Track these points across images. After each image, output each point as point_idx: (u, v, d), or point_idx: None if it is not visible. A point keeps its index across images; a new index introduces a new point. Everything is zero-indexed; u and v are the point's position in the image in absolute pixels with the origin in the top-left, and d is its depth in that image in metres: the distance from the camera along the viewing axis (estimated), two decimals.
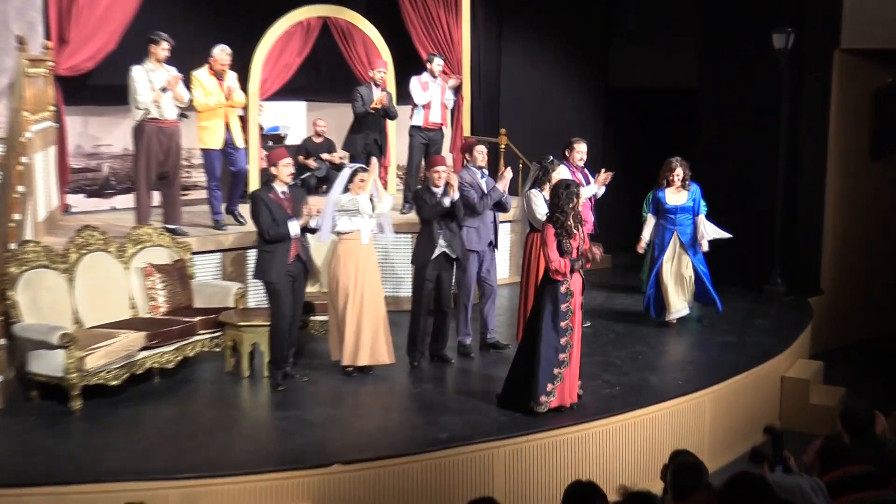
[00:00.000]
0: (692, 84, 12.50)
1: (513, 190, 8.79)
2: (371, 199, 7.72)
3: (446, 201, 7.80)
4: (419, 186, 8.62)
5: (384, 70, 10.43)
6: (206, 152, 9.51)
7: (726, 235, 9.37)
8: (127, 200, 10.28)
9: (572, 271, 6.83)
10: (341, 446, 6.44)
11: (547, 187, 8.14)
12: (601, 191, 9.05)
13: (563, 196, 6.82)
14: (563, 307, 6.84)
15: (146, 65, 8.81)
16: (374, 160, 8.03)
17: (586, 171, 9.10)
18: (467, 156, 8.45)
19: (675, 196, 9.10)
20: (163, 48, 8.80)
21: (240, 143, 9.56)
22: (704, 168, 10.67)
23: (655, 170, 9.29)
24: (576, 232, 6.88)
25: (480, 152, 8.34)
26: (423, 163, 9.91)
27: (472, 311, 8.44)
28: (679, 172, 9.07)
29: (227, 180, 9.82)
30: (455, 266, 8.06)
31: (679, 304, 9.20)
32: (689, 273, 9.12)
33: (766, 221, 11.26)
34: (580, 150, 9.02)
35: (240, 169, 9.66)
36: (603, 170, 8.90)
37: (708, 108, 12.27)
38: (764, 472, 4.73)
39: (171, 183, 9.17)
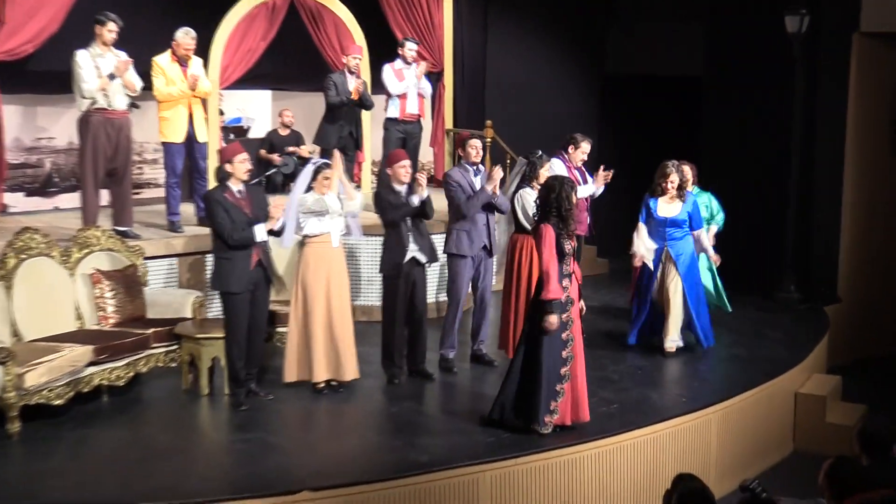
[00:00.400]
0: (697, 72, 12.56)
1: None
2: (339, 197, 7.70)
3: (415, 200, 7.81)
4: (384, 187, 8.59)
5: (359, 56, 10.45)
6: (167, 146, 9.47)
7: (712, 254, 9.06)
8: (72, 200, 10.23)
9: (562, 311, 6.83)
10: (310, 471, 6.41)
11: (536, 184, 8.17)
12: (599, 190, 9.07)
13: (565, 189, 6.83)
14: (563, 317, 6.86)
15: (92, 49, 8.77)
16: (336, 153, 7.97)
17: (585, 171, 9.10)
18: (460, 151, 8.47)
19: (667, 206, 8.70)
20: (109, 29, 8.76)
21: (202, 136, 9.53)
22: (710, 163, 10.73)
23: (657, 165, 9.29)
24: (574, 233, 6.92)
25: (474, 147, 8.31)
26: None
27: (460, 321, 8.44)
28: (674, 179, 8.66)
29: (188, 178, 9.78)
30: (430, 271, 8.05)
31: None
32: (677, 298, 8.71)
33: (777, 222, 11.33)
34: (585, 149, 9.03)
35: (198, 166, 9.63)
36: (602, 167, 8.89)
37: (714, 97, 12.34)
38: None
39: (120, 180, 9.13)
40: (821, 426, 8.87)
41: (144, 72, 9.13)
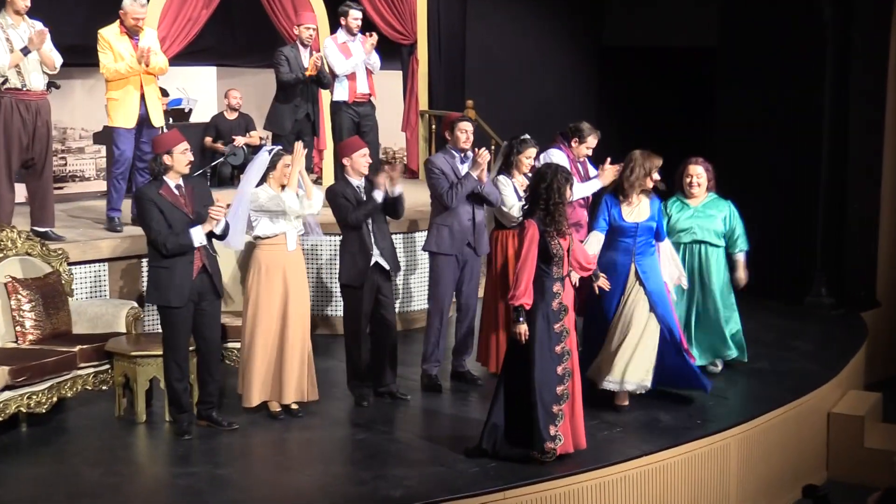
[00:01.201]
0: (711, 42, 12.62)
1: None
2: (297, 194, 7.68)
3: (378, 196, 7.82)
4: (337, 181, 8.60)
5: (313, 27, 10.45)
6: (116, 132, 9.45)
7: (683, 282, 8.47)
8: None
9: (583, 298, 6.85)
10: None
11: (517, 173, 8.24)
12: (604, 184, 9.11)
13: (558, 180, 6.86)
14: (556, 327, 6.90)
15: (2, 18, 8.75)
16: (298, 144, 7.92)
17: (589, 166, 9.13)
18: (447, 134, 8.51)
19: (633, 210, 7.99)
20: None
21: (157, 120, 9.52)
22: (725, 150, 10.77)
23: (664, 153, 9.22)
24: (567, 231, 6.95)
25: (464, 130, 8.31)
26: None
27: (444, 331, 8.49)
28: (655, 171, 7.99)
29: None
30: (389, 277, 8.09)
31: (617, 373, 7.86)
32: (646, 332, 7.91)
33: (806, 215, 11.38)
34: (591, 144, 9.05)
35: (144, 152, 9.60)
36: (608, 160, 8.86)
37: (730, 74, 12.38)
38: None
39: (39, 173, 9.11)
40: (858, 451, 8.94)
41: (86, 46, 9.04)
